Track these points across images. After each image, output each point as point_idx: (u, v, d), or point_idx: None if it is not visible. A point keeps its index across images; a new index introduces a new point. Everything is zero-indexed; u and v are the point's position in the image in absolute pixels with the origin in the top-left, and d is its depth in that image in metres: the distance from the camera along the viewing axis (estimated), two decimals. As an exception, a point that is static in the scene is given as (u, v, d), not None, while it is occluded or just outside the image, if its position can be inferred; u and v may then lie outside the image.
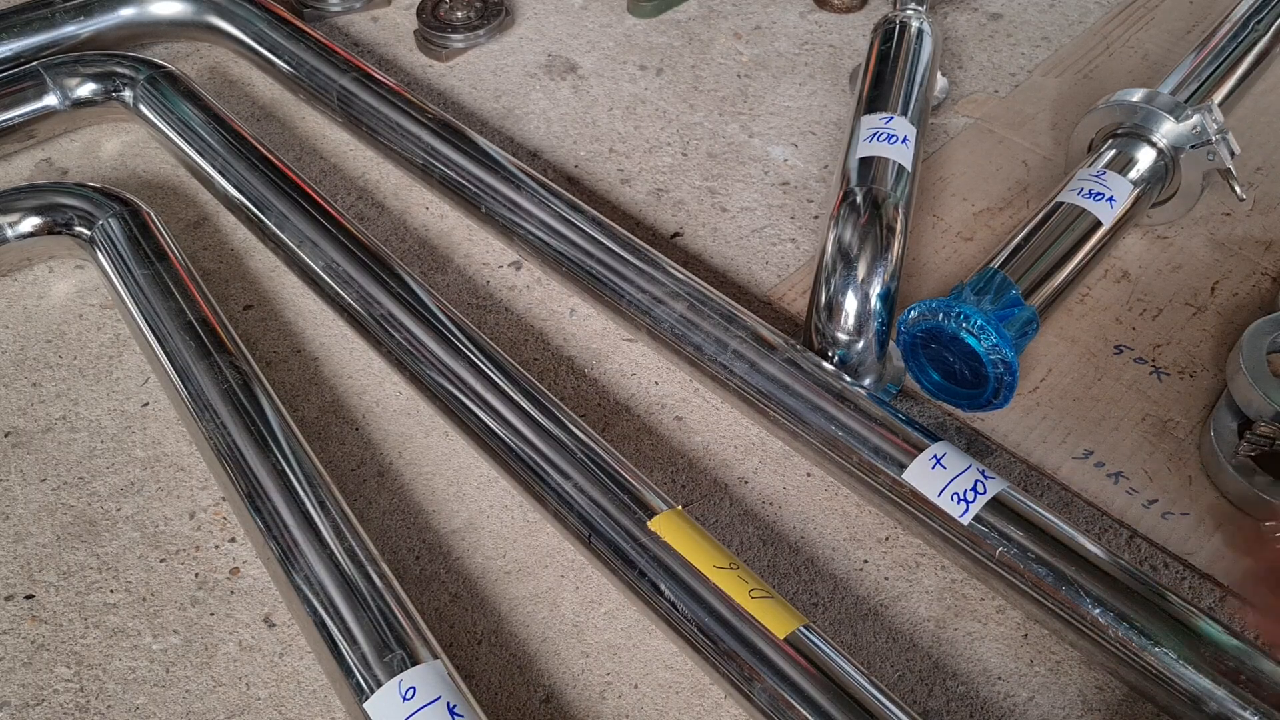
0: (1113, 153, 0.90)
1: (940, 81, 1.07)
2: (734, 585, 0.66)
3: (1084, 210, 0.86)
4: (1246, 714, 0.62)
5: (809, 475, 0.80)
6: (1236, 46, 1.00)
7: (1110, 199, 0.86)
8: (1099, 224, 0.85)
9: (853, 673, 0.63)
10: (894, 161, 0.87)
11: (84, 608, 0.74)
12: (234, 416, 0.77)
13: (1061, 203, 0.87)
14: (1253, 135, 1.04)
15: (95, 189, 0.92)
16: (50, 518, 0.78)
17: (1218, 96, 0.97)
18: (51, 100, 1.01)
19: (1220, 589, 0.74)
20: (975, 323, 0.77)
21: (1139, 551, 0.76)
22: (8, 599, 0.74)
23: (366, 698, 0.63)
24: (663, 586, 0.67)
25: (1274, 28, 1.03)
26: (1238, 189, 0.90)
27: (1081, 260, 0.85)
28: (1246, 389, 0.79)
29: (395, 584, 0.69)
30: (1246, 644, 0.64)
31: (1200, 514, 0.78)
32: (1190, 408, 0.83)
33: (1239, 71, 0.99)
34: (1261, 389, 0.78)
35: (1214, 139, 0.88)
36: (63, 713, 0.69)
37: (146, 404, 0.85)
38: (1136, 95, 0.92)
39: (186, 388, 0.79)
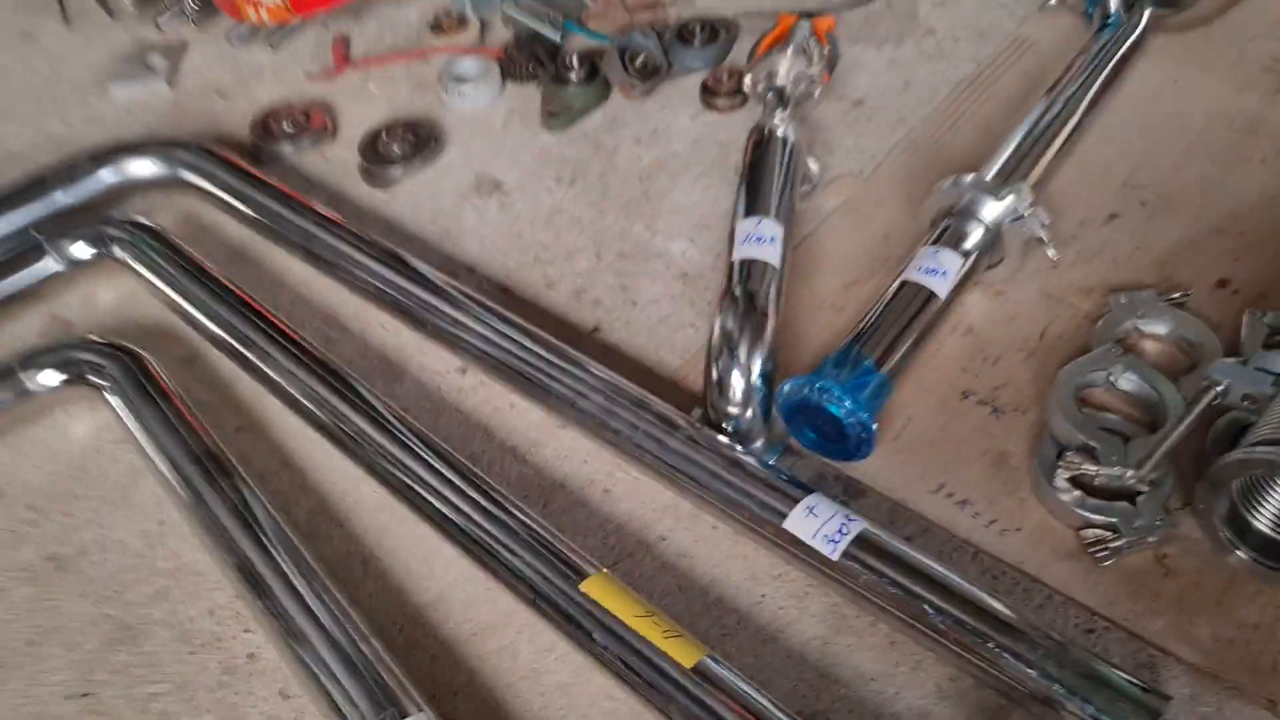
0: (947, 230, 1.09)
1: (813, 168, 1.25)
2: (649, 629, 0.83)
3: (922, 286, 1.04)
4: (1058, 689, 0.80)
5: (715, 528, 0.98)
6: (1049, 124, 1.20)
7: (944, 273, 1.04)
8: (935, 296, 1.04)
9: (749, 689, 0.80)
10: (763, 261, 1.05)
11: (132, 698, 0.90)
12: (238, 526, 0.94)
13: (905, 281, 1.05)
14: (1077, 192, 1.23)
15: (102, 343, 1.08)
16: (95, 627, 0.95)
17: (1038, 169, 1.16)
18: (53, 265, 1.18)
19: (1047, 589, 0.92)
20: (834, 394, 0.95)
21: (983, 564, 0.94)
22: (68, 698, 0.91)
23: (368, 752, 0.80)
24: (595, 635, 0.85)
25: (1082, 104, 1.23)
26: (1050, 252, 1.09)
27: (923, 328, 1.03)
28: (1059, 422, 0.97)
29: (383, 652, 0.85)
30: (1057, 638, 0.82)
31: (1031, 529, 0.96)
32: (1022, 440, 1.01)
33: (1053, 148, 1.18)
34: (1070, 422, 0.97)
35: (1025, 214, 1.07)
36: (125, 786, 0.86)
37: (163, 522, 1.02)
38: (964, 180, 1.10)
39: (195, 505, 0.96)
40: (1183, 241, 1.16)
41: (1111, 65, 1.29)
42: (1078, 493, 0.95)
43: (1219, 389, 0.94)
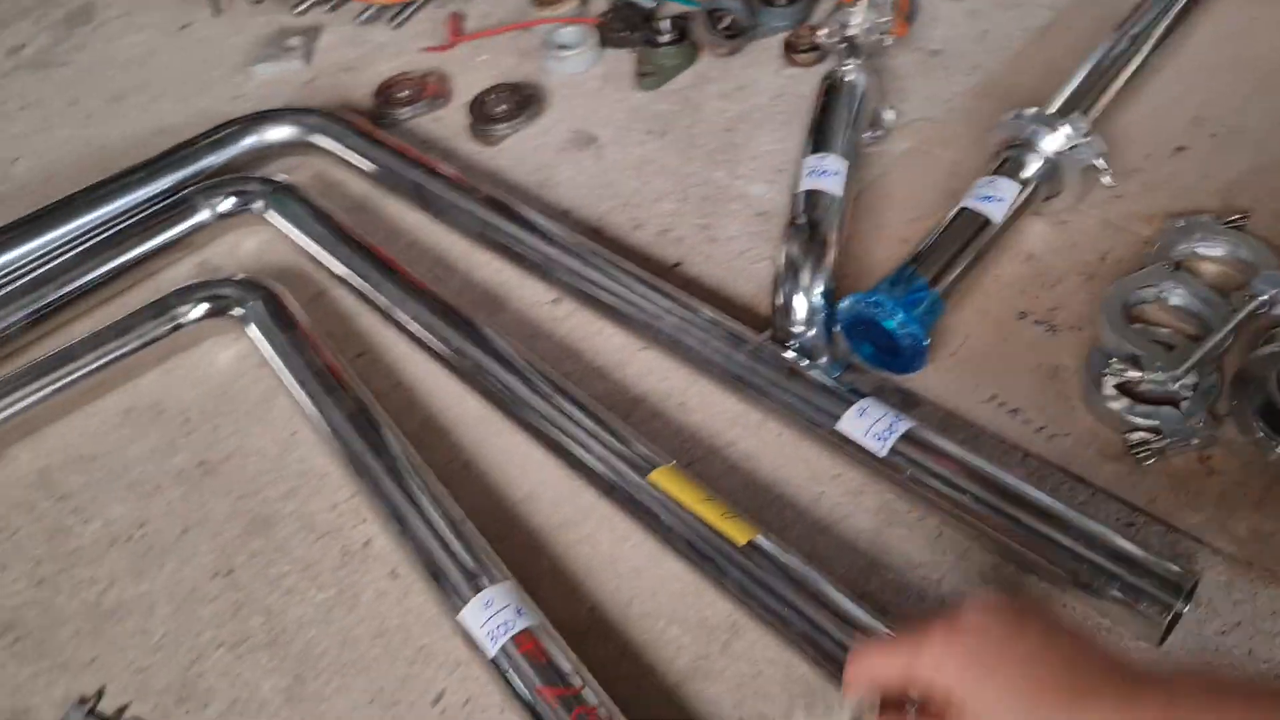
0: (1006, 161, 1.15)
1: (887, 116, 1.32)
2: (708, 512, 0.93)
3: (978, 212, 1.10)
4: (1089, 569, 0.86)
5: (779, 435, 1.07)
6: (1115, 60, 1.24)
7: (1000, 200, 1.10)
8: (990, 222, 1.10)
9: (797, 563, 0.89)
10: (826, 193, 1.13)
11: (267, 577, 1.04)
12: (357, 435, 1.06)
13: (963, 208, 1.12)
14: (1145, 126, 1.26)
15: (243, 280, 1.23)
16: (237, 519, 1.09)
17: (1101, 103, 1.21)
18: (203, 217, 1.34)
19: (1091, 487, 0.97)
20: (886, 308, 1.03)
21: (1030, 466, 1.00)
22: (215, 575, 1.05)
23: (460, 610, 0.91)
24: (661, 519, 0.95)
25: (1150, 40, 1.27)
26: (1106, 179, 1.13)
27: (978, 251, 1.10)
28: (1108, 333, 1.03)
29: (480, 536, 0.97)
30: (1092, 524, 0.88)
31: (1079, 434, 1.01)
32: (1075, 355, 1.06)
33: (1118, 83, 1.23)
34: (1117, 333, 1.02)
35: (1081, 143, 1.12)
36: (259, 646, 0.99)
37: (294, 433, 1.16)
38: (1025, 113, 1.16)
39: (322, 415, 1.09)
40: (1248, 172, 1.19)
41: (1183, 3, 1.32)
42: (1125, 400, 1.00)
43: (1263, 298, 0.98)
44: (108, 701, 0.98)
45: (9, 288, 1.29)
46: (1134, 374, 0.99)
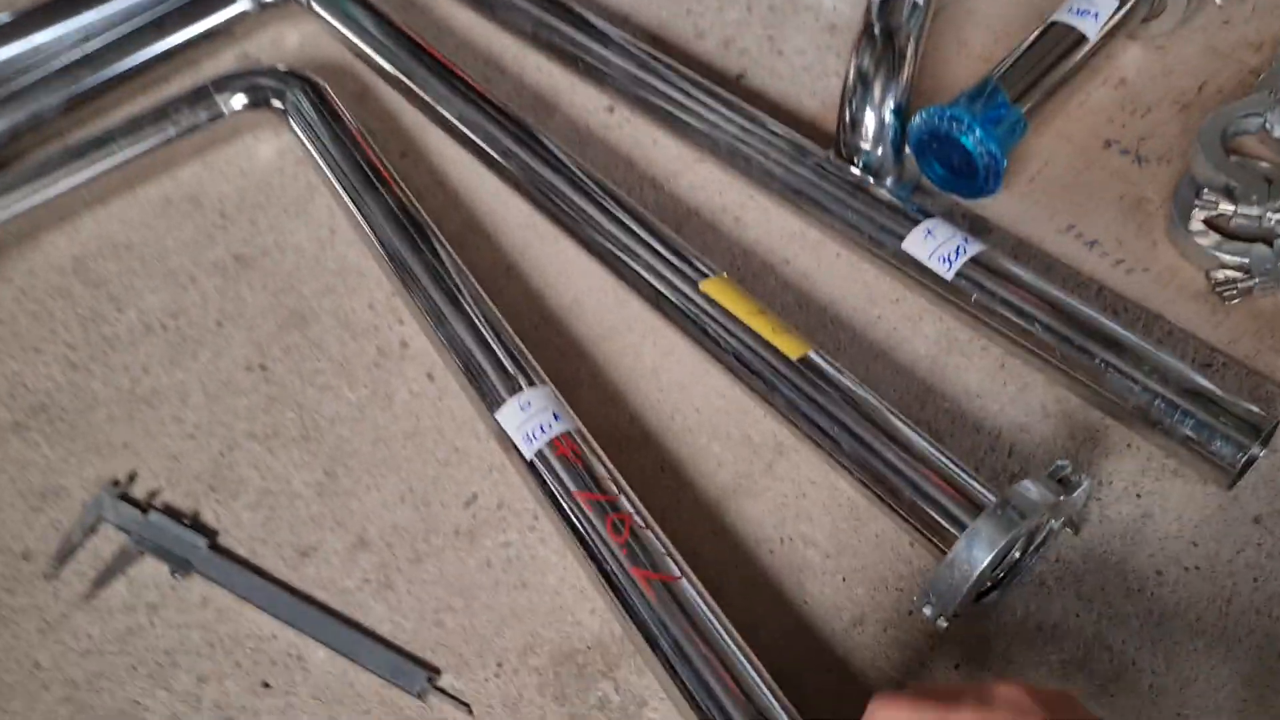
0: (1105, -25, 1.05)
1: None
2: (761, 325, 0.88)
3: (1071, 26, 1.02)
4: (1160, 405, 0.81)
5: (838, 255, 1.01)
6: None
7: (1094, 14, 1.01)
8: (1084, 38, 1.01)
9: (850, 383, 0.85)
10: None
11: (301, 372, 1.02)
12: (397, 230, 1.02)
13: (1054, 21, 1.03)
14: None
15: (285, 71, 1.18)
16: (272, 313, 1.06)
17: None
18: (245, 5, 1.28)
19: (1168, 324, 0.92)
20: (965, 123, 0.95)
21: (1104, 300, 0.94)
22: (249, 368, 1.03)
23: (497, 410, 0.88)
24: (709, 329, 0.90)
25: None
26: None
27: (1068, 70, 1.01)
28: (1200, 162, 0.95)
29: (517, 341, 0.94)
30: (1166, 358, 0.83)
31: (1159, 270, 0.95)
32: (1163, 188, 0.99)
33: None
34: (1212, 161, 0.94)
35: (1188, -46, 1.03)
36: (291, 440, 0.98)
37: (334, 230, 1.12)
38: (1128, -75, 1.06)
39: (362, 213, 1.05)
40: (1376, 0, 1.09)
41: None
42: (1213, 235, 0.94)
43: (1377, 132, 0.90)
44: (139, 486, 0.97)
45: (45, 70, 1.24)
46: (1226, 207, 0.92)
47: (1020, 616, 0.81)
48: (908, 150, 1.02)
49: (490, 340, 0.93)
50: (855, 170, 1.00)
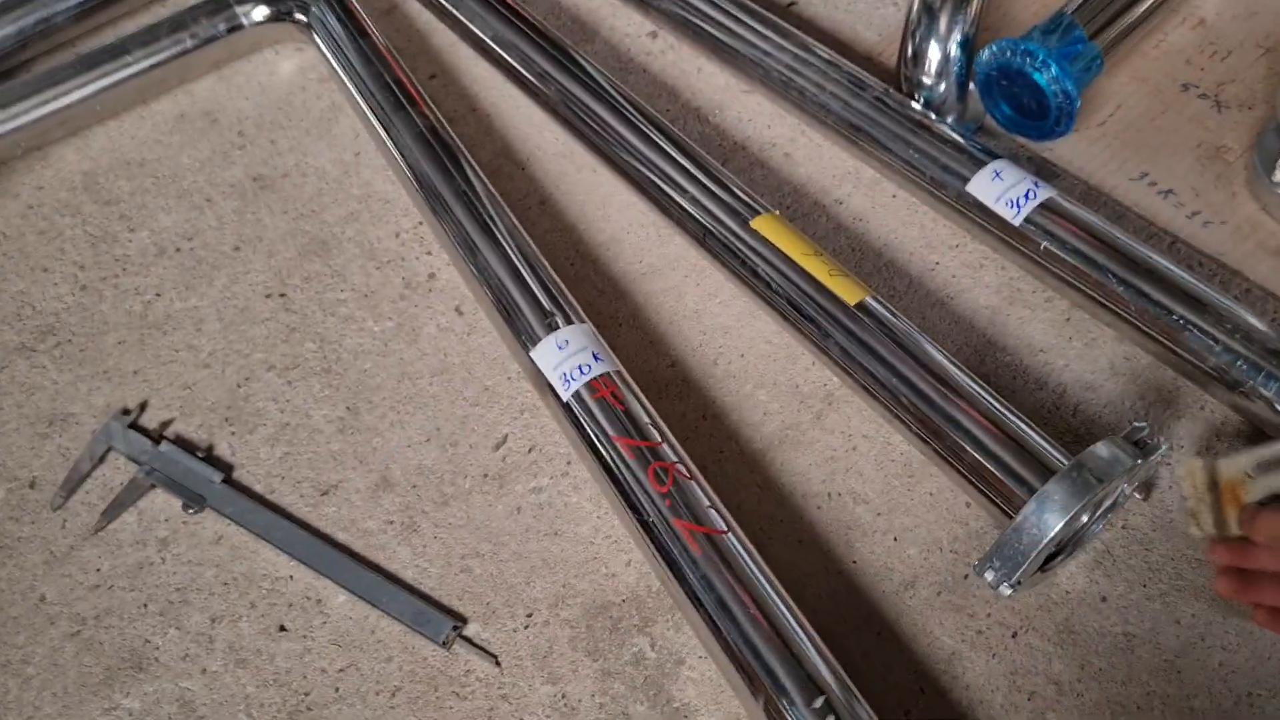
0: (1192, -94, 0.99)
1: None
2: (816, 267, 0.83)
3: (1155, -41, 0.95)
4: (1241, 365, 0.76)
5: (894, 196, 0.95)
6: None
7: (1180, -53, 0.95)
8: (1168, -30, 0.95)
9: (909, 330, 0.79)
10: (979, -78, 0.98)
11: (322, 302, 0.97)
12: (427, 154, 0.96)
13: (1135, -47, 0.96)
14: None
15: (308, -19, 1.12)
16: (293, 239, 1.01)
17: None
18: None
19: (1247, 282, 0.86)
20: (1039, 58, 0.89)
21: (1179, 253, 0.89)
22: (268, 296, 0.98)
23: (532, 349, 0.83)
24: (760, 270, 0.85)
25: None
26: (1309, -66, 0.97)
27: (1146, 6, 0.95)
28: (1290, 111, 0.89)
29: (554, 274, 0.88)
30: (1248, 317, 0.78)
31: (1238, 223, 0.89)
32: (1244, 136, 0.93)
33: None
34: (1302, 110, 0.88)
35: (1287, -114, 0.96)
36: (312, 373, 0.93)
37: (359, 154, 1.06)
38: None
39: (389, 135, 0.99)
40: None
41: None
42: (1299, 188, 0.88)
43: None
44: (150, 415, 0.92)
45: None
46: (1316, 158, 0.86)
47: (1083, 585, 0.76)
48: (972, 87, 0.96)
49: (526, 274, 0.88)
50: (916, 106, 0.94)
